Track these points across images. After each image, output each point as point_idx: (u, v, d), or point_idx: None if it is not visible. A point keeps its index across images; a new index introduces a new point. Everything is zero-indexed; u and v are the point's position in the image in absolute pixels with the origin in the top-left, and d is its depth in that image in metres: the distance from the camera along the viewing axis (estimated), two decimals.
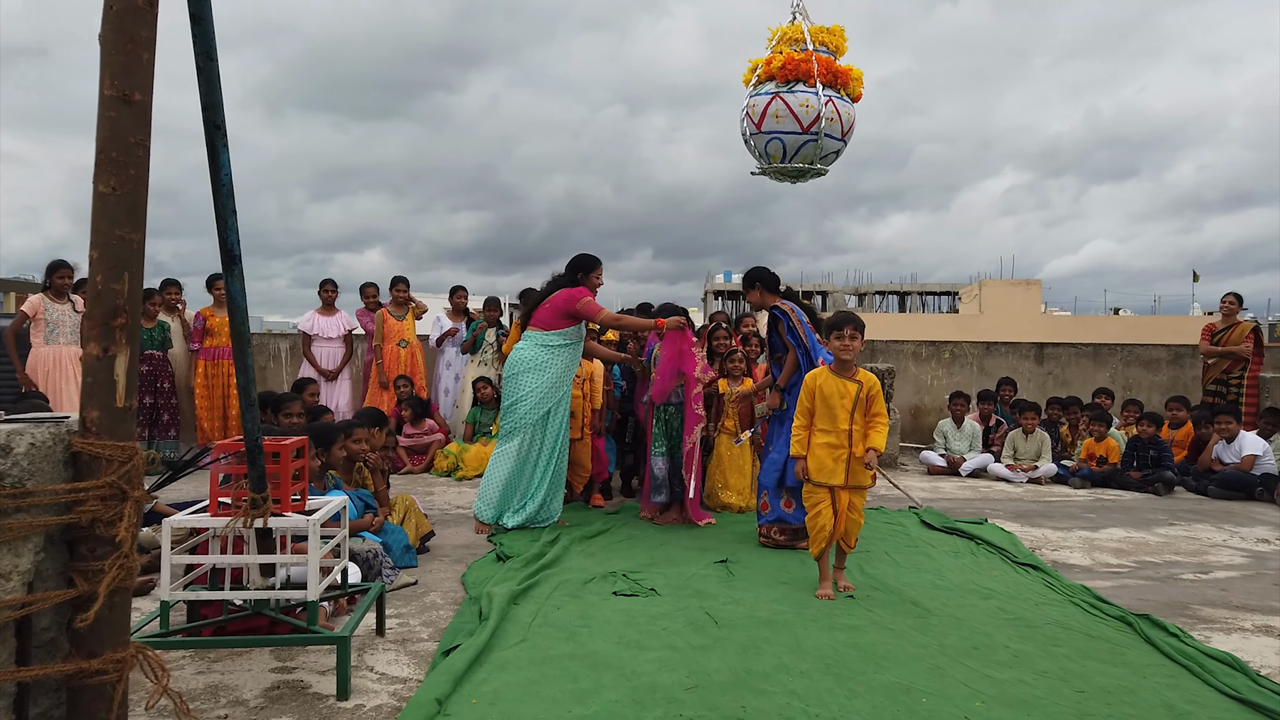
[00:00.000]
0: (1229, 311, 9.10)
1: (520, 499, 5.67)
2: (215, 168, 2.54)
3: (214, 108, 2.46)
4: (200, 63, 2.39)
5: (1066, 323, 39.15)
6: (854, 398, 4.23)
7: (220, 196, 2.57)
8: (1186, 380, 10.66)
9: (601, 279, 5.90)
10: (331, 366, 8.87)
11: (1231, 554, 5.33)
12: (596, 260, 5.89)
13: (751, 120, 6.34)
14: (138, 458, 1.69)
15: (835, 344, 4.29)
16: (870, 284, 62.02)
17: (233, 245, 2.64)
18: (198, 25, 2.36)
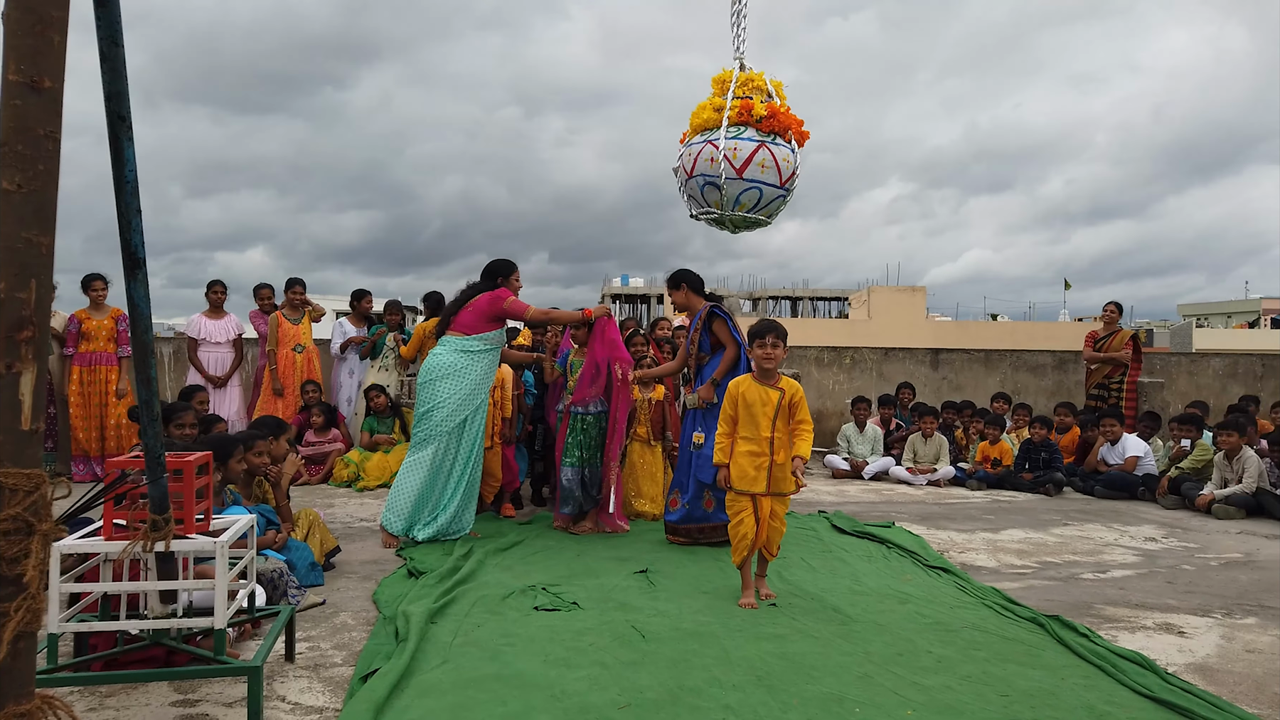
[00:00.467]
0: (1110, 320, 9.56)
1: (432, 510, 5.49)
2: (119, 163, 2.33)
3: (118, 97, 2.26)
4: (104, 48, 2.19)
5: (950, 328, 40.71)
6: (776, 405, 4.23)
7: (123, 194, 2.36)
8: (1070, 385, 11.16)
9: (520, 282, 5.84)
10: (220, 372, 8.44)
11: (1124, 553, 5.57)
12: (513, 264, 5.85)
13: (731, 164, 6.05)
14: (45, 487, 1.51)
15: (758, 352, 4.28)
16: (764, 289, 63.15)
17: (136, 247, 2.44)
18: (102, 7, 2.15)
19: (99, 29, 2.18)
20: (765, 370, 4.29)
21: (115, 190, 2.36)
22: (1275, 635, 3.86)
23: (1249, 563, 5.34)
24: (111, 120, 2.28)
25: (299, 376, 8.46)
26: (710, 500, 5.44)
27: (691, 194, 6.28)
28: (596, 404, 5.80)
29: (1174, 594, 4.56)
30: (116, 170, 2.34)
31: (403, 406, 8.43)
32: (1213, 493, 7.03)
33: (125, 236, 2.41)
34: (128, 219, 2.38)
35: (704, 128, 6.10)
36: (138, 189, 2.38)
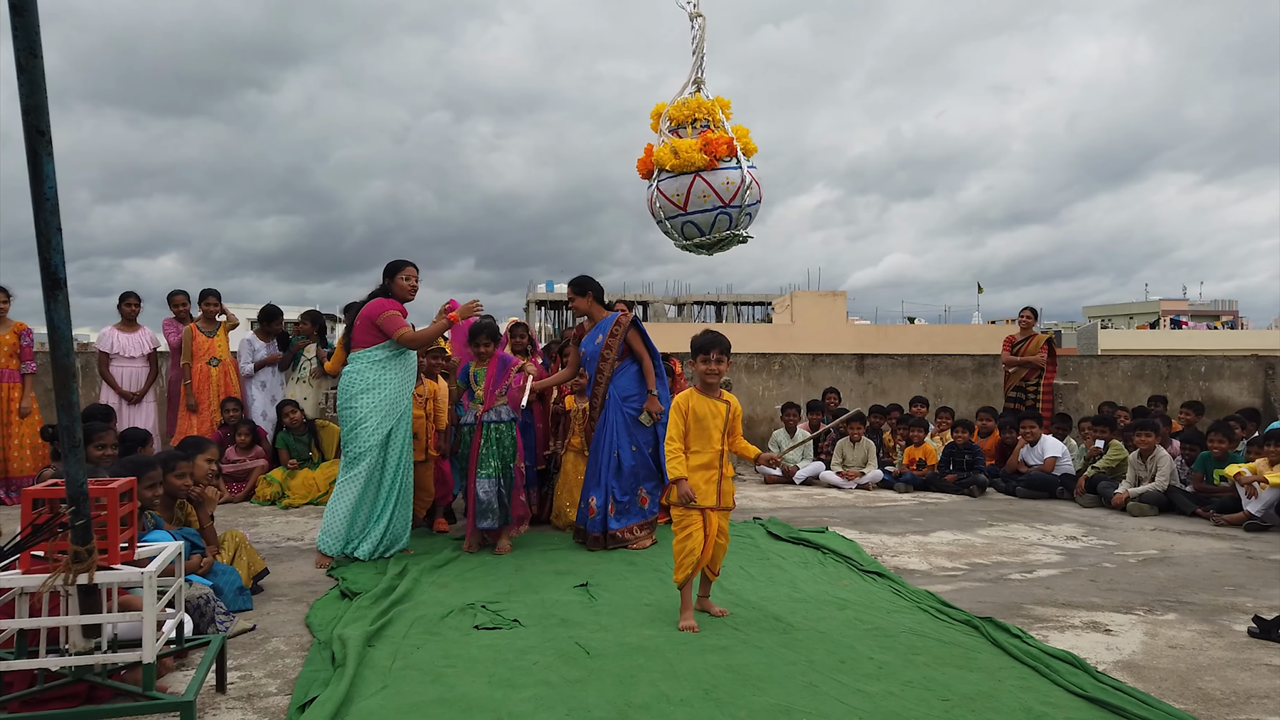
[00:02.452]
0: (1026, 325, 9.88)
1: (365, 524, 5.37)
2: (38, 179, 2.21)
3: (37, 111, 2.14)
4: (22, 60, 2.08)
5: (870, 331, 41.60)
6: (725, 418, 4.21)
7: (43, 212, 2.24)
8: (989, 387, 11.49)
9: (413, 280, 5.66)
10: (134, 388, 8.11)
11: (1048, 552, 5.75)
12: (402, 262, 5.67)
13: (674, 204, 6.10)
14: None
15: (703, 367, 4.23)
16: (689, 294, 63.57)
17: (57, 267, 2.32)
18: (19, 16, 2.04)
19: (15, 40, 2.07)
20: (709, 384, 4.27)
21: (34, 208, 2.24)
22: (1194, 630, 4.01)
23: (1165, 559, 5.55)
24: (29, 134, 2.16)
25: (215, 391, 8.18)
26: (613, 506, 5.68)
27: (673, 229, 6.31)
28: (506, 411, 5.69)
29: (1098, 592, 4.72)
30: (35, 187, 2.22)
31: (327, 420, 8.22)
32: (1128, 491, 7.30)
33: (45, 256, 2.28)
34: (47, 238, 2.27)
35: (683, 169, 6.09)
36: (58, 206, 2.26)
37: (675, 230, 6.18)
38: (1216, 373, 11.80)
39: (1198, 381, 11.73)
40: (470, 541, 5.61)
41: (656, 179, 6.10)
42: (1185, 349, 43.33)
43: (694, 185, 5.94)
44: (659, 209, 6.13)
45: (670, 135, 6.15)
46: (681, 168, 5.96)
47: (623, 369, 5.85)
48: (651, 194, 6.16)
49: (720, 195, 5.96)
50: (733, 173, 5.97)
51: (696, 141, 5.96)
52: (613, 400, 5.83)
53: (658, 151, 6.09)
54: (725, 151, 5.95)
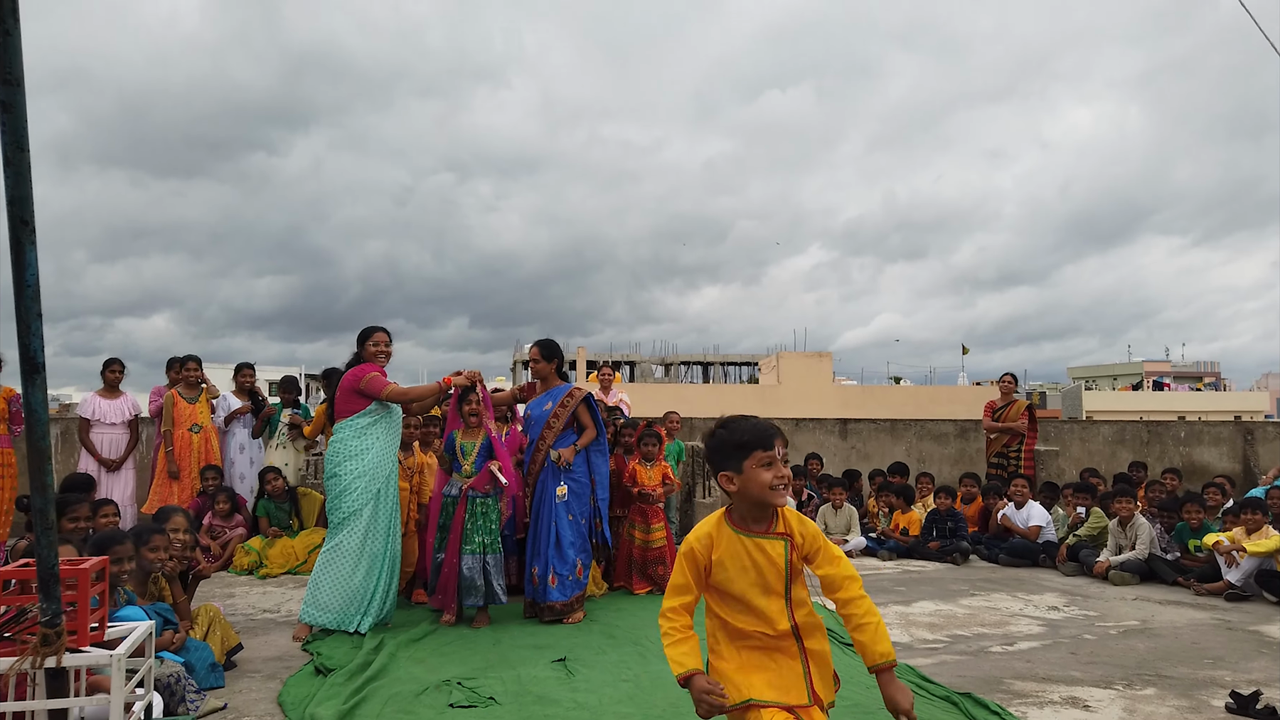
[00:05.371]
0: (1006, 391, 9.97)
1: (364, 600, 5.32)
2: (20, 267, 2.26)
3: (22, 202, 2.20)
4: (10, 154, 2.14)
5: (855, 392, 41.78)
6: (786, 561, 2.60)
7: (23, 299, 2.28)
8: (972, 452, 11.54)
9: (383, 346, 5.70)
10: (114, 455, 8.07)
11: (1029, 623, 5.74)
12: (372, 329, 5.72)
13: None
14: None
15: (764, 476, 2.54)
16: (676, 354, 63.85)
17: (35, 352, 2.35)
18: (8, 113, 2.11)
19: (4, 135, 2.13)
20: (761, 506, 2.60)
21: (15, 295, 2.28)
22: (1172, 706, 4.00)
23: (1145, 630, 5.55)
24: (14, 224, 2.21)
25: (196, 458, 8.14)
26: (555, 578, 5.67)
27: None
28: (492, 484, 5.69)
29: (1077, 665, 4.71)
30: (17, 274, 2.26)
31: (309, 487, 8.18)
32: (1109, 559, 7.32)
33: (24, 341, 2.32)
34: (27, 324, 2.30)
35: None
36: (39, 294, 2.30)
37: None
38: (1196, 438, 11.91)
39: (1178, 446, 11.83)
40: (449, 615, 5.57)
41: None
42: (1167, 410, 43.64)
43: None
44: None
45: None
46: None
47: (564, 437, 5.92)
48: None
49: None
50: None
51: None
52: (550, 469, 5.86)
53: None
54: None
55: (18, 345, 2.34)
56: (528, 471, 6.05)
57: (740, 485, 2.56)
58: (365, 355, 5.65)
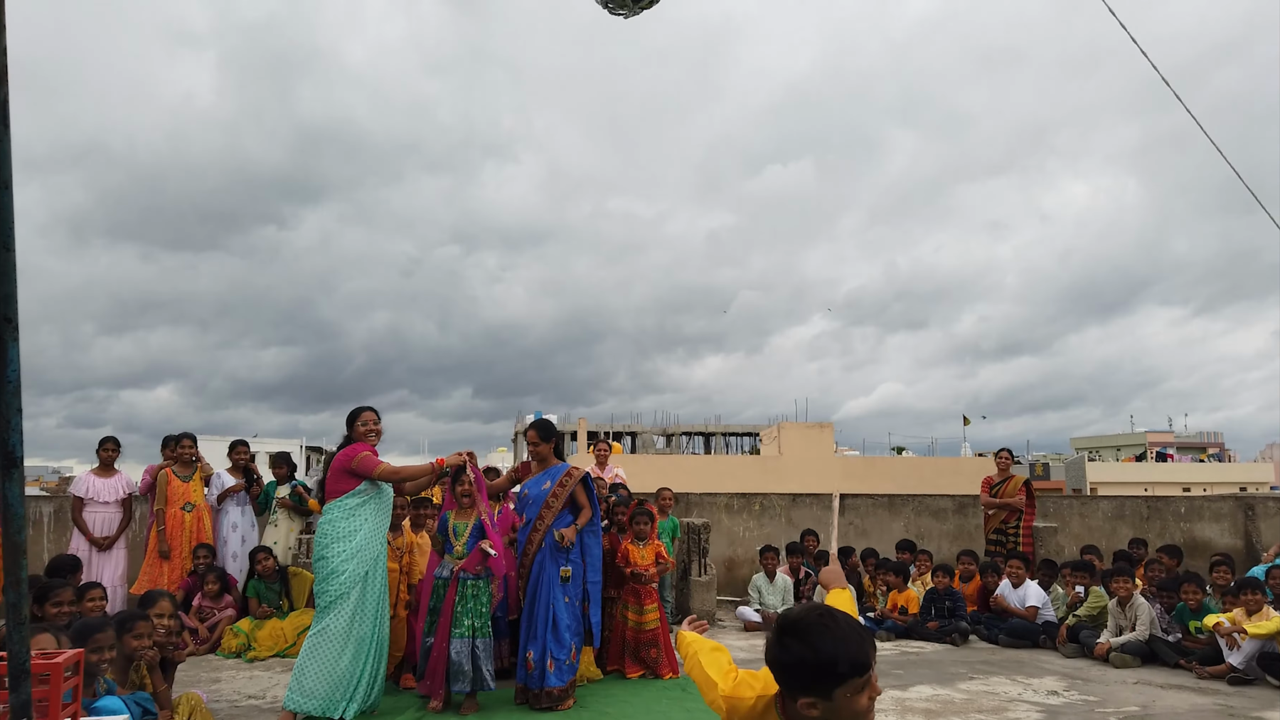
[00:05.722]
0: (1003, 466, 9.93)
1: (349, 685, 5.22)
2: (2, 363, 2.28)
3: (6, 300, 2.23)
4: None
5: (857, 463, 41.55)
6: None
7: (4, 394, 2.30)
8: (970, 528, 11.44)
9: (372, 425, 5.70)
10: (105, 534, 8.01)
11: (1028, 709, 5.62)
12: (360, 409, 5.74)
13: None
14: None
15: (860, 701, 2.09)
16: (677, 425, 63.73)
17: (14, 446, 2.36)
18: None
19: None
20: None
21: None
22: None
23: (1146, 716, 5.44)
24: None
25: (188, 537, 8.08)
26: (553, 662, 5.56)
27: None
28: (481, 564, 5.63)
29: None
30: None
31: (300, 567, 8.10)
32: (1109, 641, 7.20)
33: (3, 436, 2.33)
34: (7, 419, 2.32)
35: None
36: (19, 389, 2.32)
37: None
38: (1196, 513, 11.81)
39: (1178, 522, 11.73)
40: (436, 701, 5.47)
41: None
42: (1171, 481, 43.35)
43: None
44: None
45: None
46: None
47: (561, 517, 5.91)
48: None
49: None
50: None
51: None
52: (548, 550, 5.83)
53: None
54: None
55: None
56: (524, 552, 6.01)
57: (825, 713, 2.06)
58: (356, 435, 5.67)
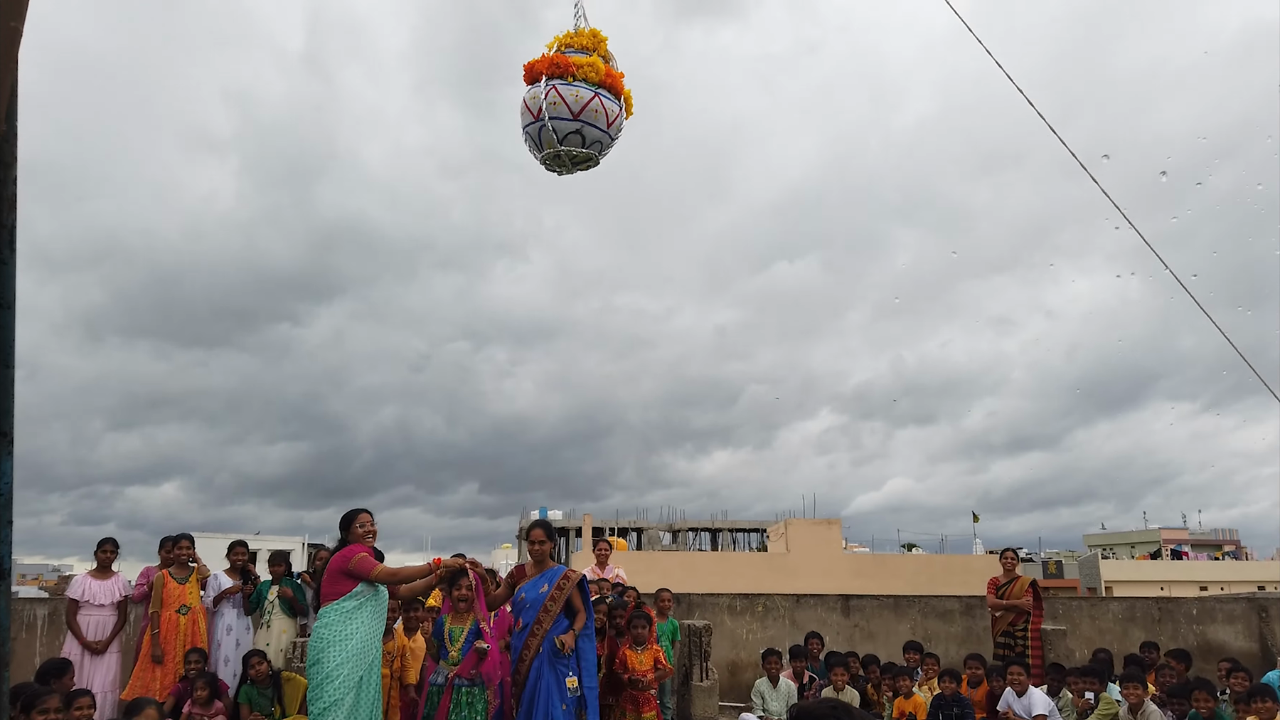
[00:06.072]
0: (1009, 567, 9.80)
1: None
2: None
3: (2, 415, 2.30)
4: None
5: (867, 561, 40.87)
6: None
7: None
8: (978, 631, 11.23)
9: (369, 527, 5.72)
10: (100, 637, 7.92)
11: None
12: (355, 511, 5.75)
13: (529, 111, 6.47)
14: None
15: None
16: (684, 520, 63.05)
17: (2, 558, 2.39)
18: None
19: None
20: None
21: None
22: None
23: None
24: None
25: (183, 640, 7.97)
26: None
27: (531, 136, 6.44)
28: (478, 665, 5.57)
29: None
30: None
31: (294, 671, 7.96)
32: None
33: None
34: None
35: (553, 73, 6.37)
36: (11, 502, 2.37)
37: (555, 134, 6.27)
38: (1209, 615, 11.58)
39: (1191, 625, 11.49)
40: None
41: (550, 83, 6.26)
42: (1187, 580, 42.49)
43: (593, 101, 6.25)
44: (549, 107, 6.22)
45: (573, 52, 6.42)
46: (594, 79, 6.27)
47: (558, 623, 5.88)
48: (544, 92, 6.26)
49: (609, 118, 6.32)
50: (613, 105, 6.36)
51: (605, 66, 6.37)
52: (545, 656, 5.76)
53: (583, 60, 6.36)
54: (619, 86, 6.43)
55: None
56: (520, 658, 5.93)
57: None
58: (353, 537, 5.68)
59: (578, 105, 6.31)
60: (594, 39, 6.67)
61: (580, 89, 6.33)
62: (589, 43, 6.66)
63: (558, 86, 6.32)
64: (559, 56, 6.43)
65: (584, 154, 6.44)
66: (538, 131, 6.33)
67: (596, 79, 6.35)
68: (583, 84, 6.33)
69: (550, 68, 6.40)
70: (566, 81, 6.29)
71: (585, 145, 6.36)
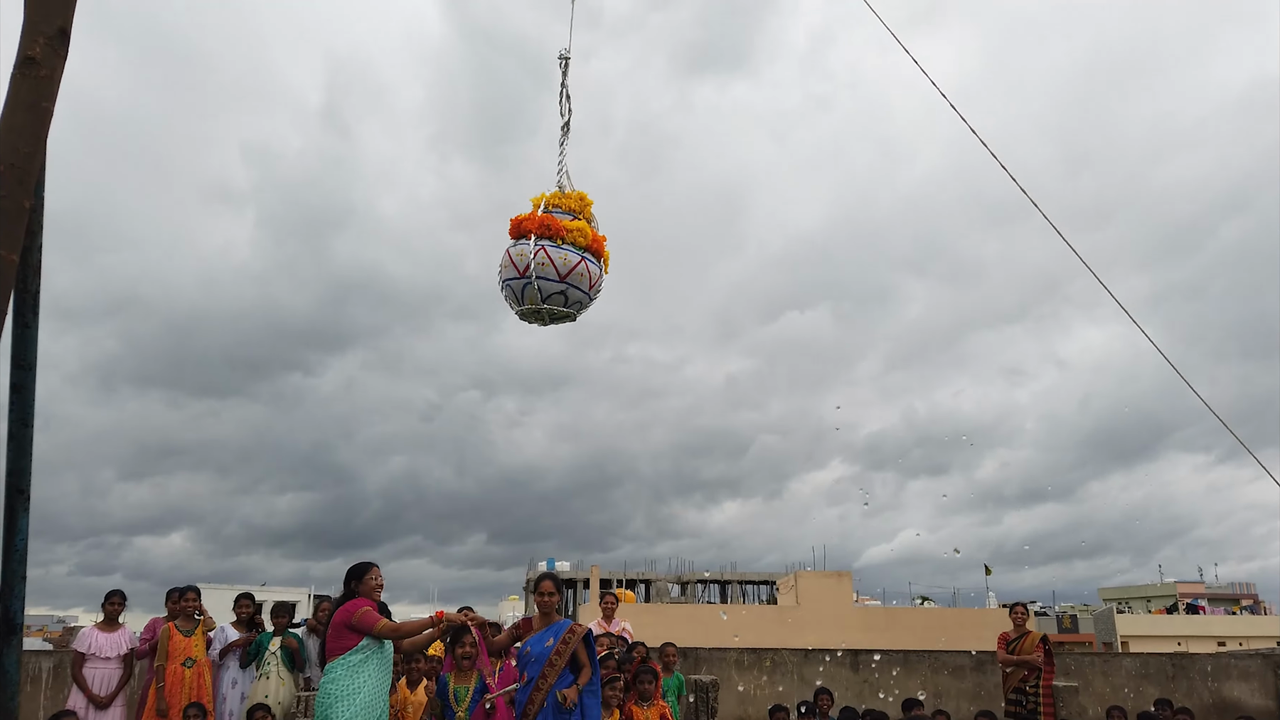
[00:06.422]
0: (1019, 621, 9.71)
1: None
2: (11, 532, 2.40)
3: (20, 473, 2.37)
4: (14, 429, 2.34)
5: (879, 614, 40.35)
6: None
7: (11, 562, 2.41)
8: (990, 686, 11.09)
9: (378, 580, 5.74)
10: (106, 691, 7.89)
11: None
12: (366, 565, 5.78)
13: (499, 276, 6.90)
14: None
15: None
16: (693, 572, 62.42)
17: (15, 614, 2.45)
18: (17, 394, 2.32)
19: (11, 411, 2.34)
20: None
21: (3, 558, 2.40)
22: None
23: None
24: (10, 493, 2.38)
25: (188, 693, 7.93)
26: None
27: (514, 289, 6.76)
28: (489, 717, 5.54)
29: None
30: (7, 539, 2.40)
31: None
32: None
33: (5, 603, 2.42)
34: (11, 586, 2.42)
35: (537, 233, 6.69)
36: (25, 557, 2.43)
37: (538, 292, 6.58)
38: (1224, 671, 11.41)
39: (1206, 681, 11.31)
40: None
41: (540, 243, 6.58)
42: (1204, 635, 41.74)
43: (580, 265, 6.63)
44: (537, 267, 6.53)
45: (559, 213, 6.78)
46: (581, 244, 6.63)
47: (563, 677, 5.85)
48: (532, 251, 6.56)
49: (591, 281, 6.71)
50: (595, 268, 6.76)
51: (592, 232, 6.75)
52: (549, 711, 5.73)
53: (573, 225, 6.72)
54: (602, 249, 6.84)
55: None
56: (523, 713, 5.90)
57: None
58: (362, 590, 5.68)
59: (565, 268, 6.76)
60: (580, 202, 7.13)
61: (569, 252, 6.75)
62: (576, 205, 7.08)
63: (547, 249, 6.77)
64: (549, 218, 6.85)
65: (564, 313, 6.86)
66: (521, 288, 6.73)
67: (584, 244, 6.75)
68: (571, 247, 6.72)
69: (540, 228, 6.78)
70: (556, 244, 6.70)
71: (567, 305, 6.80)
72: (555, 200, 6.95)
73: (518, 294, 6.73)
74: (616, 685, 6.53)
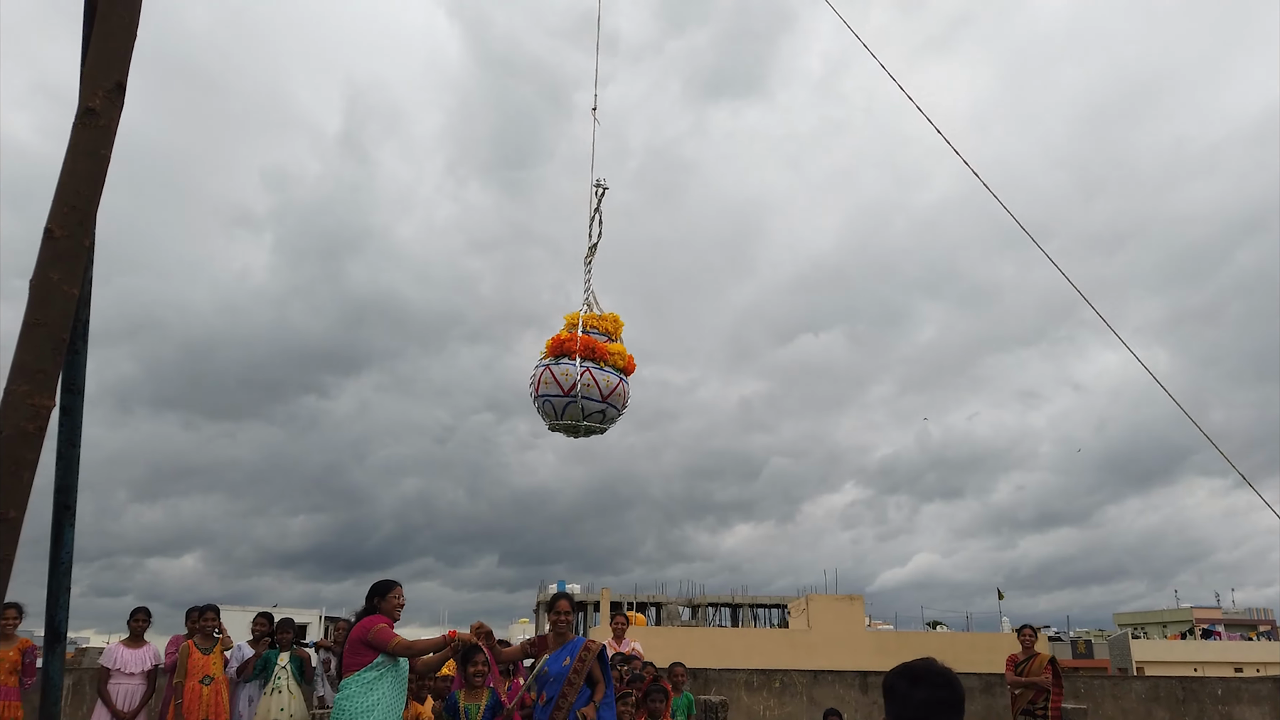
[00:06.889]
0: (1027, 644, 9.75)
1: None
2: (57, 546, 2.56)
3: (68, 490, 2.53)
4: (62, 449, 2.50)
5: (890, 639, 40.11)
6: None
7: (57, 574, 2.57)
8: (999, 709, 11.10)
9: (400, 599, 5.85)
10: (130, 707, 8.04)
11: None
12: (390, 583, 5.88)
13: (531, 387, 7.37)
14: None
15: None
16: (704, 595, 62.15)
17: (60, 623, 2.60)
18: (67, 415, 2.49)
19: (60, 432, 2.50)
20: None
21: (50, 570, 2.57)
22: None
23: None
24: (58, 509, 2.54)
25: (205, 710, 8.06)
26: None
27: (554, 405, 7.22)
28: None
29: None
30: (54, 551, 2.56)
31: None
32: None
33: (51, 613, 2.58)
34: (56, 597, 2.57)
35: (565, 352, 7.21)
36: (70, 569, 2.59)
37: (580, 410, 7.05)
38: (1234, 695, 11.38)
39: (1216, 705, 11.28)
40: None
41: (585, 365, 7.08)
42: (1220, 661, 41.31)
43: (619, 386, 7.14)
44: (583, 388, 7.02)
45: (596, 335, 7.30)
46: (620, 366, 7.12)
47: (580, 695, 5.95)
48: (579, 372, 7.05)
49: (625, 399, 7.21)
50: (627, 386, 7.30)
51: (628, 355, 7.26)
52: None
53: (612, 346, 7.24)
54: (633, 368, 7.33)
55: (45, 615, 2.60)
56: None
57: None
58: (384, 608, 5.76)
59: (608, 389, 7.22)
60: (615, 324, 7.57)
61: (610, 374, 7.21)
62: (610, 327, 7.53)
63: (592, 371, 7.19)
64: (592, 340, 7.38)
65: (599, 429, 7.29)
66: (564, 406, 7.14)
67: (622, 365, 7.20)
68: (612, 369, 7.16)
69: (586, 351, 7.21)
70: (600, 366, 7.13)
71: (603, 421, 7.21)
72: (591, 321, 7.41)
73: (558, 410, 7.19)
74: (629, 701, 6.63)
